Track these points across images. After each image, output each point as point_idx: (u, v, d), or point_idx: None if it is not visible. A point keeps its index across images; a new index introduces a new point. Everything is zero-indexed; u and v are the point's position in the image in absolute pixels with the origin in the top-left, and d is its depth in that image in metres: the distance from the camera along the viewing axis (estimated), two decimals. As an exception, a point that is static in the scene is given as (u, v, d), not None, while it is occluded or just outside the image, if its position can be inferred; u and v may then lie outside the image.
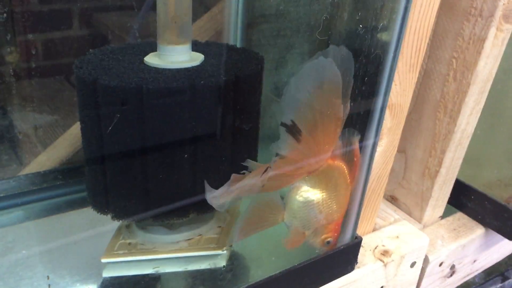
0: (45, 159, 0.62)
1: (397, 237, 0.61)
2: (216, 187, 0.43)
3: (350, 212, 0.52)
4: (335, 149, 0.44)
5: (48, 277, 0.46)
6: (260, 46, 0.56)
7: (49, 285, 0.46)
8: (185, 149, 0.44)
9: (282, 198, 0.45)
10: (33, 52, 0.96)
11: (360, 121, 0.49)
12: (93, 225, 0.54)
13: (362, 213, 0.57)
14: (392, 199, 0.71)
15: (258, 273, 0.50)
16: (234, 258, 0.50)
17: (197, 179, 0.46)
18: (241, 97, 0.46)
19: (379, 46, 0.44)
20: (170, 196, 0.46)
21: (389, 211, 0.66)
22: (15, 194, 0.55)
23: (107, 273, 0.47)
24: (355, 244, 0.53)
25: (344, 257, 0.53)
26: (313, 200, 0.44)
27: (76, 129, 0.69)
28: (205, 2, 0.67)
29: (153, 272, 0.48)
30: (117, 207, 0.46)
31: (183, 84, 0.42)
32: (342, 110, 0.41)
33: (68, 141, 0.64)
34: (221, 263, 0.49)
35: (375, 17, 0.42)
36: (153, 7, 0.73)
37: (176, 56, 0.46)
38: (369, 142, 0.50)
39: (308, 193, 0.44)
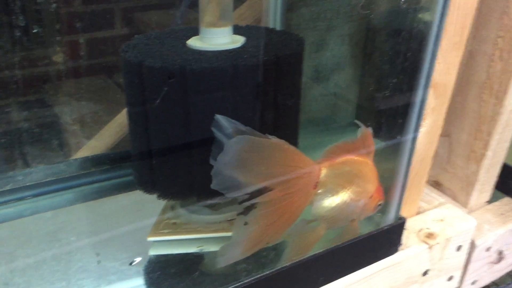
0: (93, 146, 0.65)
1: (442, 220, 0.60)
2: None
3: (393, 193, 0.51)
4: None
5: (97, 255, 0.48)
6: (300, 30, 0.56)
7: (98, 262, 0.47)
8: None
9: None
10: (77, 52, 0.99)
11: (403, 101, 0.49)
12: (139, 207, 0.56)
13: (406, 195, 0.57)
14: (436, 184, 0.70)
15: (301, 253, 0.50)
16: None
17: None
18: (282, 78, 0.46)
19: (422, 23, 0.43)
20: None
21: (434, 195, 0.65)
22: (65, 178, 0.57)
23: (153, 251, 0.49)
24: (399, 225, 0.53)
25: (388, 238, 0.52)
26: (339, 201, 0.44)
27: (120, 118, 0.71)
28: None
29: (197, 251, 0.49)
30: (162, 186, 0.47)
31: (225, 64, 0.43)
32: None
33: (113, 129, 0.67)
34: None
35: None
36: (191, 5, 0.75)
37: (217, 38, 0.47)
38: (412, 122, 0.49)
39: (330, 199, 0.44)
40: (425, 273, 0.58)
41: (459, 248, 0.60)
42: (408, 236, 0.57)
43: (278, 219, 0.42)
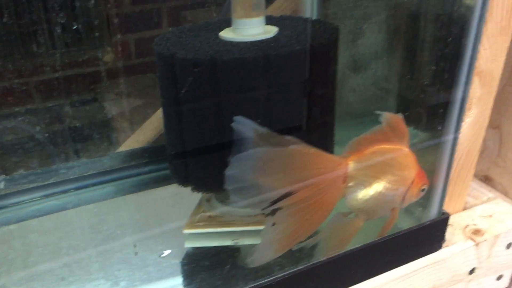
0: (135, 140, 0.66)
1: (491, 216, 0.57)
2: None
3: (436, 187, 0.49)
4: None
5: (135, 246, 0.49)
6: (337, 19, 0.55)
7: (135, 253, 0.48)
8: (260, 117, 0.44)
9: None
10: (126, 51, 1.01)
11: (445, 90, 0.46)
12: (176, 200, 0.56)
13: (451, 190, 0.54)
14: (486, 179, 0.66)
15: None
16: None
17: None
18: (316, 68, 0.45)
19: (464, 6, 0.41)
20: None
21: (482, 190, 0.62)
22: (106, 171, 0.59)
23: (188, 244, 0.49)
24: (442, 220, 0.50)
25: (430, 234, 0.50)
26: (373, 193, 0.42)
27: (160, 113, 0.72)
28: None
29: (232, 244, 0.49)
30: (196, 179, 0.48)
31: (257, 55, 0.42)
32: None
33: (154, 123, 0.67)
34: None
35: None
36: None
37: (250, 29, 0.46)
38: (454, 112, 0.47)
39: (363, 191, 0.42)
40: (471, 272, 0.55)
41: (509, 245, 0.56)
42: (453, 233, 0.54)
43: (307, 218, 0.41)
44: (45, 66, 0.79)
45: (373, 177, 0.41)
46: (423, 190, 0.44)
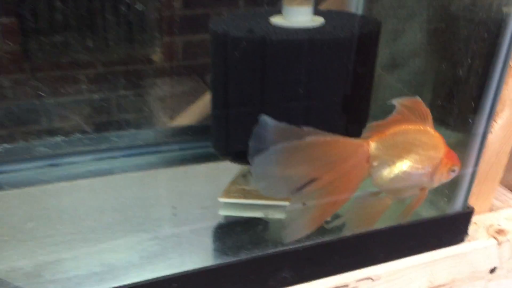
0: (179, 121, 0.71)
1: (516, 219, 0.58)
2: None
3: (462, 181, 0.51)
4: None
5: (173, 207, 0.53)
6: (380, 17, 0.58)
7: (174, 214, 0.52)
8: (300, 99, 0.48)
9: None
10: (174, 53, 1.07)
11: (476, 90, 0.49)
12: (215, 174, 0.60)
13: (478, 189, 0.56)
14: (515, 189, 0.68)
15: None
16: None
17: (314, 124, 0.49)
18: (356, 56, 0.49)
19: (503, 4, 0.44)
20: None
21: (510, 196, 0.63)
22: (152, 144, 0.63)
23: (223, 212, 0.53)
24: (466, 214, 0.52)
25: (453, 226, 0.52)
26: (398, 172, 0.44)
27: (203, 100, 0.77)
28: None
29: (262, 216, 0.52)
30: (235, 152, 0.51)
31: (301, 38, 0.46)
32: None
33: (199, 107, 0.72)
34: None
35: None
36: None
37: (298, 16, 0.50)
38: (484, 111, 0.49)
39: (388, 170, 0.44)
40: (492, 271, 0.57)
41: (532, 250, 0.57)
42: (476, 230, 0.56)
43: (333, 197, 0.44)
44: (97, 60, 0.85)
45: (397, 156, 0.44)
46: (453, 171, 0.46)
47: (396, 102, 0.44)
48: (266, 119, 0.42)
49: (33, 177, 0.59)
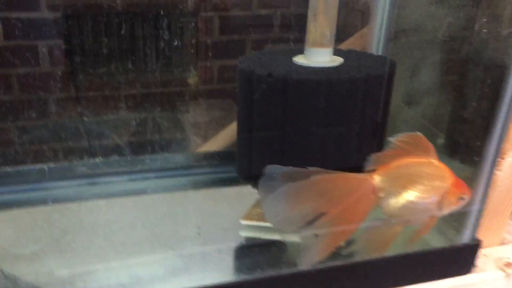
0: (209, 146, 0.76)
1: (526, 253, 0.60)
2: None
3: (470, 214, 0.54)
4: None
5: (198, 227, 0.58)
6: (398, 58, 0.62)
7: (199, 234, 0.57)
8: (318, 132, 0.52)
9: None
10: (210, 76, 1.13)
11: (483, 128, 0.52)
12: (238, 198, 0.65)
13: (488, 222, 0.59)
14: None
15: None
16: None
17: (326, 162, 0.53)
18: (371, 95, 0.53)
19: (504, 52, 0.47)
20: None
21: (522, 231, 0.65)
22: (182, 167, 0.69)
23: (243, 233, 0.57)
24: (473, 246, 0.55)
25: (461, 257, 0.55)
26: (404, 201, 0.47)
27: (231, 127, 0.82)
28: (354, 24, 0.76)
29: (280, 239, 0.56)
30: (257, 178, 0.56)
31: (321, 78, 0.51)
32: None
33: (227, 133, 0.77)
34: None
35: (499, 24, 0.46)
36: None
37: (318, 57, 0.55)
38: (491, 148, 0.52)
39: (395, 200, 0.47)
40: (501, 303, 0.59)
41: (541, 284, 0.59)
42: (485, 262, 0.58)
43: (344, 226, 0.48)
44: (136, 82, 0.92)
45: (402, 187, 0.47)
46: (462, 199, 0.48)
47: (394, 139, 0.47)
48: (271, 170, 0.46)
49: (73, 194, 0.65)
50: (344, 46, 0.77)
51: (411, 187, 0.47)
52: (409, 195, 0.47)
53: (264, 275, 0.49)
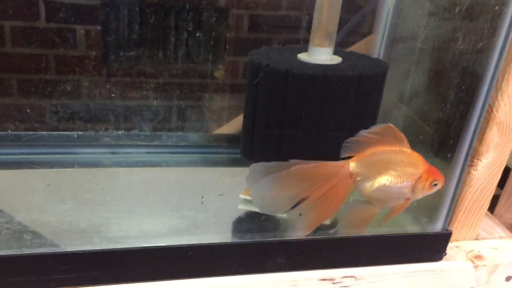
0: (222, 130, 0.84)
1: (496, 249, 0.66)
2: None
3: (442, 204, 0.60)
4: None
5: (202, 197, 0.65)
6: (395, 62, 0.69)
7: (202, 202, 0.65)
8: (313, 123, 0.59)
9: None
10: (235, 71, 1.19)
11: (459, 129, 0.58)
12: (242, 175, 0.72)
13: (463, 218, 0.65)
14: None
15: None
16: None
17: (319, 148, 0.60)
18: (363, 92, 0.59)
19: (477, 63, 0.53)
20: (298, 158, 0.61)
21: (498, 230, 0.71)
22: (195, 145, 0.77)
23: (241, 206, 0.64)
24: (445, 235, 0.61)
25: (433, 244, 0.61)
26: (378, 185, 0.53)
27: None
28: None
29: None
30: (258, 156, 0.63)
31: (316, 73, 0.58)
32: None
33: (239, 120, 0.85)
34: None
35: (476, 37, 0.52)
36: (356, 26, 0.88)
37: (320, 55, 0.62)
38: (463, 148, 0.58)
39: (370, 183, 0.53)
40: (470, 291, 0.64)
41: (508, 278, 0.65)
42: (457, 252, 0.64)
43: (324, 208, 0.55)
44: (164, 72, 0.99)
45: (376, 172, 0.53)
46: (435, 184, 0.54)
47: (364, 132, 0.54)
48: (255, 167, 0.55)
49: (97, 160, 0.73)
50: (352, 49, 0.84)
51: (385, 172, 0.53)
52: (383, 179, 0.53)
53: (251, 240, 0.57)
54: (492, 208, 0.77)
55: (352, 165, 0.53)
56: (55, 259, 0.50)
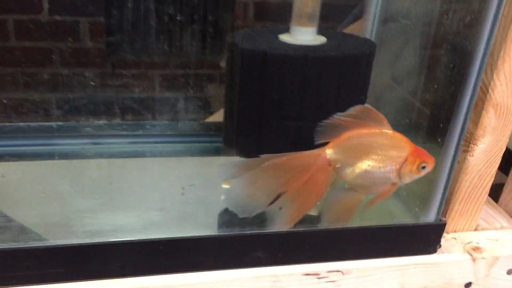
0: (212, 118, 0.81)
1: (496, 240, 0.61)
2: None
3: (434, 193, 0.56)
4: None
5: (183, 188, 0.62)
6: (386, 42, 0.65)
7: (182, 194, 0.62)
8: (295, 105, 0.55)
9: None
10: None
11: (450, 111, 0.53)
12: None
13: (461, 208, 0.61)
14: (515, 216, 0.70)
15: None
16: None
17: (302, 134, 0.56)
18: (348, 74, 0.55)
19: (468, 39, 0.49)
20: (280, 145, 0.58)
21: (500, 220, 0.66)
22: (179, 134, 0.74)
23: (224, 196, 0.61)
24: (438, 226, 0.57)
25: (425, 235, 0.57)
26: (359, 170, 0.49)
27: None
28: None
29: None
30: (240, 145, 0.60)
31: (297, 54, 0.54)
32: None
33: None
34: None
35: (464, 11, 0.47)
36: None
37: (302, 35, 0.58)
38: (455, 131, 0.53)
39: (350, 169, 0.50)
40: (468, 285, 0.60)
41: (510, 271, 0.60)
42: (453, 244, 0.60)
43: (306, 199, 0.52)
44: (170, 62, 0.96)
45: (355, 157, 0.49)
46: (423, 167, 0.50)
47: (338, 115, 0.50)
48: (225, 165, 0.52)
49: (78, 151, 0.71)
50: (347, 30, 0.80)
51: (365, 157, 0.49)
52: (363, 165, 0.49)
53: (227, 233, 0.53)
54: (497, 197, 0.72)
55: (328, 152, 0.50)
56: (16, 254, 0.48)
